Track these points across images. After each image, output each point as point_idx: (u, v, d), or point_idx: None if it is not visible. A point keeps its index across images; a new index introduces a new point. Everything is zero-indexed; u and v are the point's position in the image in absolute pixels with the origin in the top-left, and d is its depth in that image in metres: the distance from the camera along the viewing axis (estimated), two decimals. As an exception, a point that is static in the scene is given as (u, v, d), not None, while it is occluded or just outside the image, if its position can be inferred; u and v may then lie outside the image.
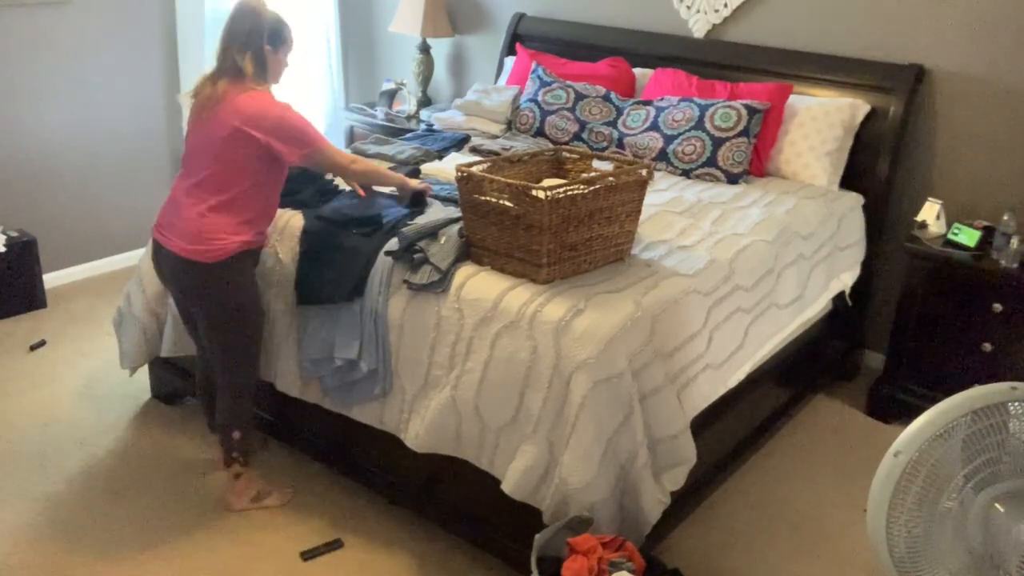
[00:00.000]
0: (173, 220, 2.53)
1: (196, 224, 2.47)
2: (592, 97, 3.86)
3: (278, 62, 2.57)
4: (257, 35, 2.49)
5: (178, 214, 2.51)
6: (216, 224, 2.47)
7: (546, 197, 2.27)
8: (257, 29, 2.48)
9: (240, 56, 2.47)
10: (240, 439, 2.66)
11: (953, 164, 3.48)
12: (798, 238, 3.03)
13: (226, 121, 2.43)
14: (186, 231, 2.48)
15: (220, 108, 2.44)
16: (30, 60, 3.97)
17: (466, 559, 2.57)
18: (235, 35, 2.48)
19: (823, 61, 3.63)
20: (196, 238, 2.46)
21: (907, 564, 1.83)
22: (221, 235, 2.47)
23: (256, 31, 2.48)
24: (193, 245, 2.46)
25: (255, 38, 2.48)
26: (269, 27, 2.51)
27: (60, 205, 4.21)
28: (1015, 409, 1.77)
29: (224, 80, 2.47)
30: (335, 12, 5.12)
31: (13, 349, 3.68)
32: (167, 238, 2.52)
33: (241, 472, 2.71)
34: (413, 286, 2.46)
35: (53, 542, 2.60)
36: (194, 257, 2.47)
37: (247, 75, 2.47)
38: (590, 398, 2.17)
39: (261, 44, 2.49)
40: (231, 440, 2.66)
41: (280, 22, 2.55)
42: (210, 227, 2.46)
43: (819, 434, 3.31)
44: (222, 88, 2.46)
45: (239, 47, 2.47)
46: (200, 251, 2.46)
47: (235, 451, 2.67)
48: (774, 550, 2.68)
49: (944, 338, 3.22)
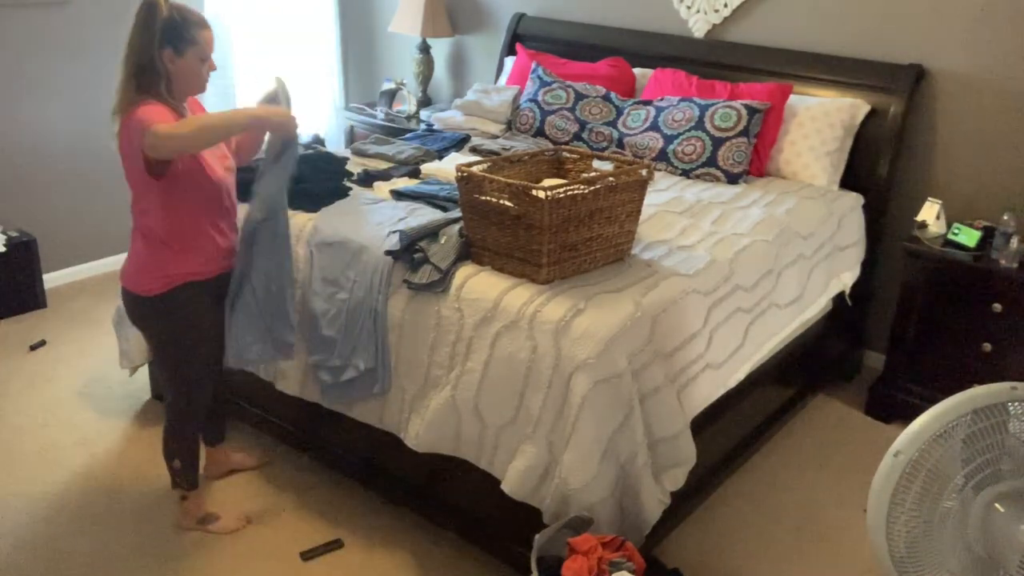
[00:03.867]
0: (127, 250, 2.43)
1: (131, 254, 2.37)
2: (592, 97, 3.86)
3: (186, 67, 2.22)
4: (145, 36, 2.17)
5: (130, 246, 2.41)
6: (151, 256, 2.33)
7: (546, 197, 2.27)
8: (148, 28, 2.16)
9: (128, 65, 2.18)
10: (180, 467, 2.58)
11: (953, 164, 3.48)
12: (798, 238, 3.03)
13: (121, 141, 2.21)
14: (127, 261, 2.39)
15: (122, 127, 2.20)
16: (30, 60, 3.98)
17: (466, 559, 2.57)
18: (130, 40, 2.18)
19: (823, 61, 3.63)
20: (131, 269, 2.37)
21: (907, 564, 1.83)
22: (148, 267, 2.33)
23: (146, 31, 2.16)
24: (129, 276, 2.38)
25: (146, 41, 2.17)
26: (163, 25, 2.17)
27: (60, 205, 4.21)
28: (1015, 409, 1.77)
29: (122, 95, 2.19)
30: (335, 12, 5.12)
31: (13, 349, 3.68)
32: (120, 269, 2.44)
33: (186, 495, 2.63)
34: (413, 286, 2.46)
35: (53, 542, 2.60)
36: (131, 288, 2.37)
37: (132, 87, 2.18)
38: (590, 398, 2.17)
39: (152, 49, 2.17)
40: (172, 468, 2.60)
41: (182, 17, 2.19)
42: (145, 259, 2.34)
43: (819, 434, 3.31)
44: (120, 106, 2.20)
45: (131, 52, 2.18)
46: (134, 283, 2.36)
47: (178, 476, 2.60)
48: (774, 550, 2.68)
49: (944, 338, 3.22)
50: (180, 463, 2.58)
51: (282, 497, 2.82)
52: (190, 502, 2.65)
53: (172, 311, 2.37)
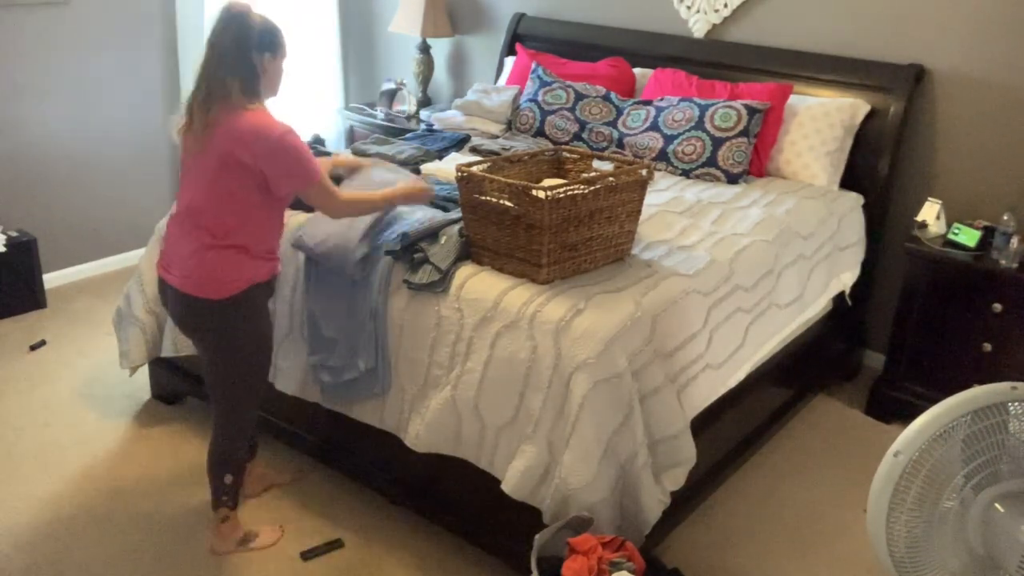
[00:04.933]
0: (173, 256, 2.35)
1: (196, 260, 2.28)
2: (592, 97, 3.86)
3: (276, 71, 2.31)
4: (246, 43, 2.22)
5: (177, 250, 2.33)
6: (217, 261, 2.28)
7: (546, 197, 2.27)
8: (245, 37, 2.22)
9: (228, 71, 2.21)
10: (232, 483, 2.50)
11: (953, 164, 3.48)
12: (798, 238, 3.03)
13: (218, 147, 2.21)
14: (187, 267, 2.30)
15: (214, 134, 2.21)
16: (30, 60, 3.98)
17: (466, 559, 2.57)
18: (222, 48, 2.21)
19: (823, 61, 3.63)
20: (197, 274, 2.29)
21: (907, 564, 1.83)
22: (224, 272, 2.29)
23: (244, 39, 2.22)
24: (195, 281, 2.29)
25: (244, 47, 2.22)
26: (259, 33, 2.24)
27: (60, 205, 4.21)
28: (1015, 409, 1.77)
29: (216, 104, 2.22)
30: (335, 12, 5.12)
31: (13, 349, 3.68)
32: (170, 274, 2.35)
33: (229, 516, 2.54)
34: (413, 286, 2.46)
35: (53, 542, 2.60)
36: (196, 293, 2.30)
37: (237, 92, 2.22)
38: (590, 398, 2.17)
39: (250, 54, 2.23)
40: (222, 483, 2.50)
41: (271, 25, 2.29)
42: (211, 264, 2.28)
43: (819, 434, 3.31)
44: (214, 114, 2.21)
45: (230, 62, 2.21)
46: (202, 288, 2.29)
47: (225, 495, 2.52)
48: (774, 550, 2.68)
49: (944, 338, 3.22)
50: (232, 478, 2.50)
51: (283, 497, 2.82)
52: (230, 523, 2.55)
53: (241, 313, 2.34)
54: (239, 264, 2.31)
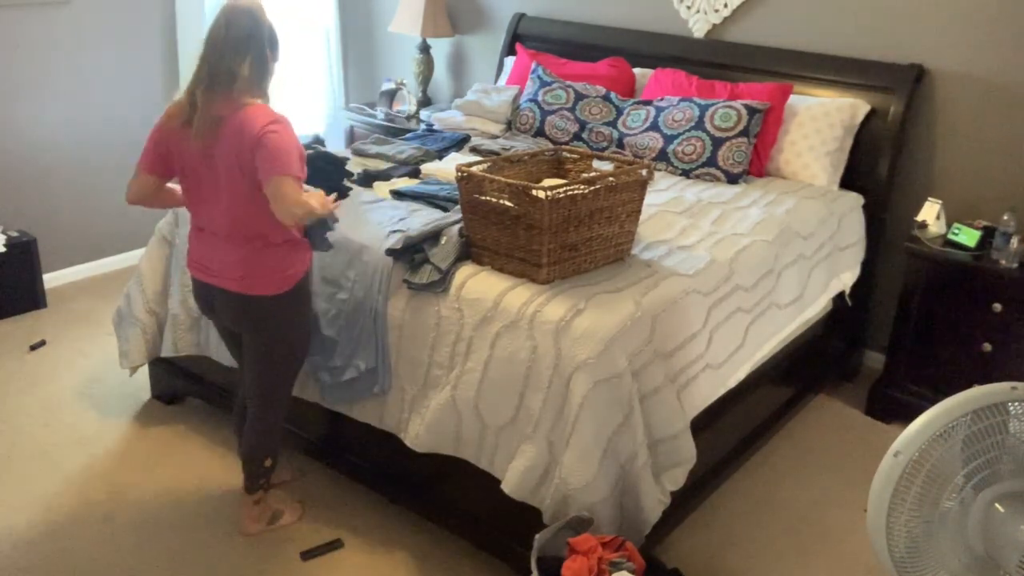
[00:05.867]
0: (216, 262, 2.35)
1: (253, 262, 2.31)
2: (592, 97, 3.86)
3: (273, 71, 2.33)
4: (258, 40, 2.25)
5: (222, 257, 2.33)
6: (274, 260, 2.33)
7: (546, 197, 2.27)
8: (258, 33, 2.25)
9: (238, 64, 2.21)
10: (271, 465, 2.57)
11: (953, 164, 3.48)
12: (798, 238, 3.03)
13: (236, 144, 2.20)
14: (242, 269, 2.31)
15: (221, 136, 2.21)
16: (30, 60, 3.98)
17: (466, 559, 2.57)
18: (235, 42, 2.21)
19: (823, 61, 3.63)
20: (256, 274, 2.31)
21: (907, 564, 1.83)
22: (282, 268, 2.34)
23: (257, 35, 2.25)
24: (252, 281, 2.32)
25: (256, 43, 2.25)
26: (269, 28, 2.29)
27: (60, 205, 4.21)
28: (1015, 409, 1.77)
29: (220, 95, 2.22)
30: (335, 12, 5.12)
31: (13, 349, 3.68)
32: (217, 277, 2.35)
33: (263, 497, 2.63)
34: (413, 286, 2.46)
35: (53, 542, 2.60)
36: (256, 291, 2.32)
37: (242, 85, 2.23)
38: (590, 398, 2.17)
39: (263, 50, 2.26)
40: (261, 468, 2.56)
41: (273, 26, 2.32)
42: (270, 263, 2.32)
43: (819, 434, 3.31)
44: (217, 106, 2.22)
45: (240, 54, 2.22)
46: (263, 286, 2.32)
47: (262, 478, 2.58)
48: (774, 550, 2.68)
49: (944, 338, 3.22)
50: (272, 461, 2.56)
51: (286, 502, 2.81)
52: (263, 504, 2.63)
53: (298, 302, 2.41)
54: (291, 257, 2.37)
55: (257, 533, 2.65)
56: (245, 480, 2.60)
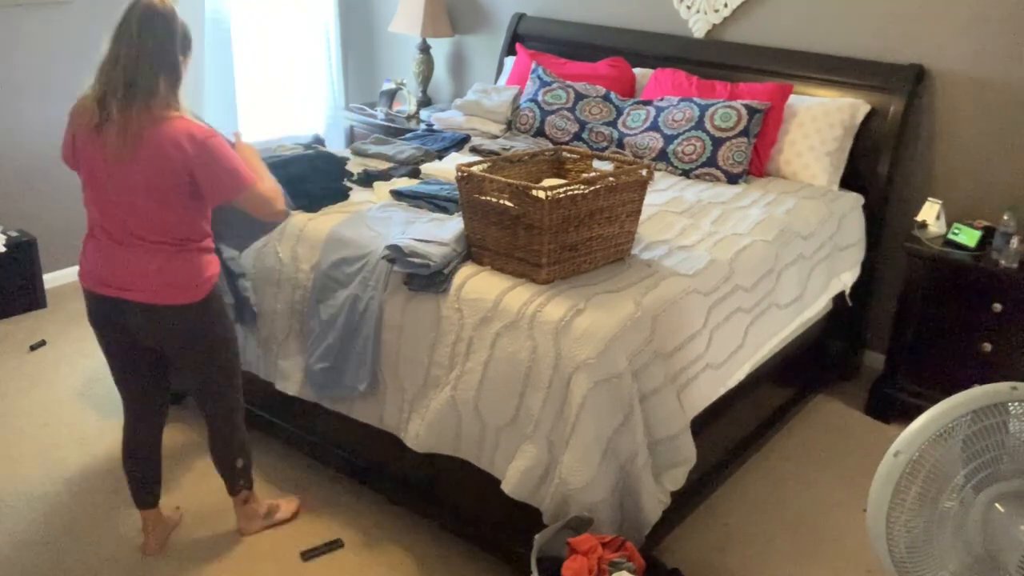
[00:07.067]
0: (129, 274, 2.21)
1: (170, 270, 2.20)
2: (592, 97, 3.86)
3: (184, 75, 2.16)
4: (172, 51, 2.06)
5: (135, 269, 2.20)
6: (188, 265, 2.23)
7: (546, 197, 2.27)
8: (171, 34, 2.06)
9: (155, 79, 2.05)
10: (243, 465, 2.56)
11: (953, 164, 3.48)
12: (798, 238, 3.03)
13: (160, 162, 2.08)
14: (158, 279, 2.20)
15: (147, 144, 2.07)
16: (30, 60, 3.97)
17: (466, 559, 2.57)
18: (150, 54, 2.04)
19: (823, 61, 3.63)
20: (175, 283, 2.21)
21: (907, 564, 1.83)
22: (198, 273, 2.25)
23: (171, 47, 2.06)
24: (170, 291, 2.21)
25: (171, 56, 2.06)
26: (183, 32, 2.10)
27: (60, 205, 4.21)
28: (1015, 409, 1.77)
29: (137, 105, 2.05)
30: (335, 12, 5.12)
31: (13, 349, 3.67)
32: (129, 291, 2.21)
33: (249, 495, 2.62)
34: (413, 286, 2.46)
35: (53, 542, 2.60)
36: (177, 301, 2.22)
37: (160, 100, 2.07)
38: (590, 398, 2.17)
39: (178, 58, 2.07)
40: (235, 470, 2.55)
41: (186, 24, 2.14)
42: (185, 270, 2.22)
43: (819, 434, 3.31)
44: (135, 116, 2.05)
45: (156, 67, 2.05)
46: (181, 294, 2.23)
47: (240, 478, 2.57)
48: (774, 550, 2.68)
49: (944, 338, 3.22)
50: (243, 461, 2.55)
51: (282, 498, 2.81)
52: (253, 502, 2.63)
53: (220, 304, 2.35)
54: (205, 262, 2.28)
55: (256, 531, 2.65)
56: (226, 485, 2.60)
